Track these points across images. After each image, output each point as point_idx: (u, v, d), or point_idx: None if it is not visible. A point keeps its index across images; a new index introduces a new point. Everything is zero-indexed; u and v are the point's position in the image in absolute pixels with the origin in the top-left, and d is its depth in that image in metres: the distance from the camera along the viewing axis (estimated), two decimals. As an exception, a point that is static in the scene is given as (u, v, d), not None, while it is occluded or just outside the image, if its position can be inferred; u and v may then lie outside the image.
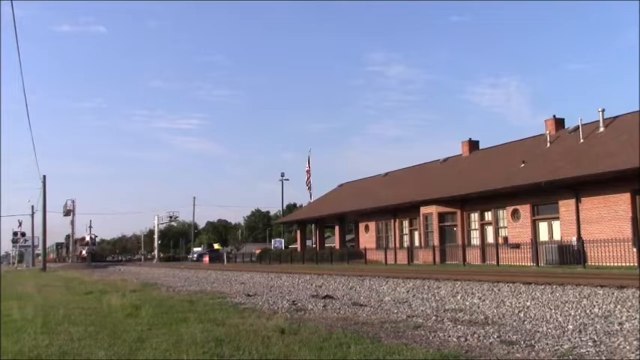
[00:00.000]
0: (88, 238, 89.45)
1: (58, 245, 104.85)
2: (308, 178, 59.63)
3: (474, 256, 32.29)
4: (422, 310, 8.91)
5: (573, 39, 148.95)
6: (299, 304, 10.15)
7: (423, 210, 36.49)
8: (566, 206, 28.26)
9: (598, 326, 6.78)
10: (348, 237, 56.81)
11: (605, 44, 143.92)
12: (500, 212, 32.67)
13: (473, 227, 34.70)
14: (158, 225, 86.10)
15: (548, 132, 33.28)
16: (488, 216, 33.61)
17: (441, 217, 35.67)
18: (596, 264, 24.39)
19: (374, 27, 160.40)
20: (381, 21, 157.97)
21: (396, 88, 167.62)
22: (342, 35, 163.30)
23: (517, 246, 29.62)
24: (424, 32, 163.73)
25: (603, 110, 30.57)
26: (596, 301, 8.66)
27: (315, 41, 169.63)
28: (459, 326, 7.06)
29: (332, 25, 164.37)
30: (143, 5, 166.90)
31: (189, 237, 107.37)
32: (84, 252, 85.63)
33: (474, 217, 34.59)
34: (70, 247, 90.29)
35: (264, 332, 6.52)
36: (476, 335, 6.33)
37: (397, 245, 39.88)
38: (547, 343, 5.79)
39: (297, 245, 55.87)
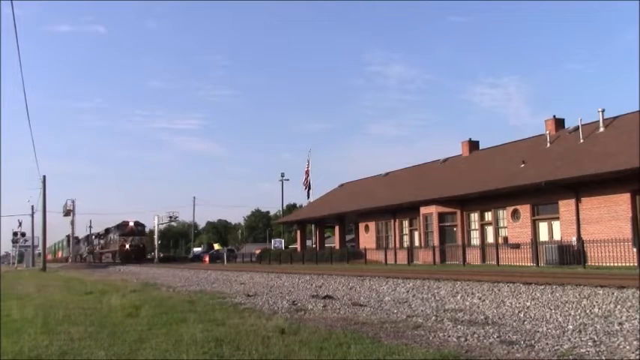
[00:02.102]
0: (132, 224, 64.52)
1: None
2: (306, 178, 59.58)
3: (473, 256, 32.28)
4: (422, 310, 8.91)
5: (573, 39, 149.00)
6: (299, 305, 10.16)
7: (423, 210, 36.49)
8: (566, 206, 28.27)
9: (598, 326, 6.78)
10: (348, 237, 56.79)
11: (604, 44, 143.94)
12: (500, 212, 32.68)
13: (473, 227, 34.71)
14: (158, 225, 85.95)
15: (548, 132, 33.30)
16: (488, 216, 33.62)
17: (441, 217, 35.67)
18: (596, 264, 24.40)
19: (374, 27, 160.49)
20: (380, 21, 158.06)
21: (395, 88, 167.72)
22: (342, 35, 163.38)
23: (517, 246, 29.62)
24: (424, 32, 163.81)
25: (603, 110, 30.61)
26: (596, 301, 8.66)
27: (315, 41, 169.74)
28: (459, 326, 7.06)
29: (332, 25, 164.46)
30: (142, 5, 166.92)
31: (189, 237, 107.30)
32: (127, 246, 62.21)
33: (474, 217, 34.60)
34: (71, 245, 77.43)
35: (264, 332, 6.52)
36: (476, 335, 6.33)
37: (397, 245, 39.88)
38: (547, 343, 5.79)
39: (297, 245, 55.87)
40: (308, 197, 59.40)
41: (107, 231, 70.06)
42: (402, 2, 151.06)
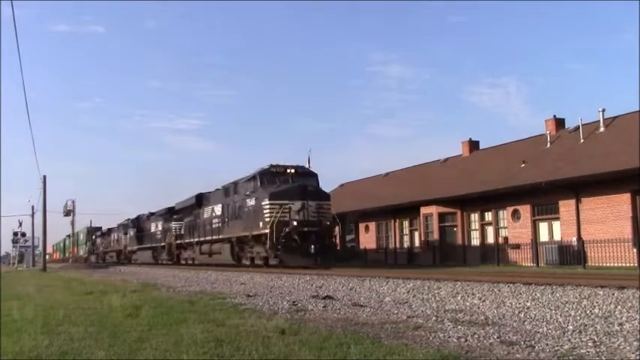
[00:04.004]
0: (292, 171, 24.90)
1: (91, 232, 70.57)
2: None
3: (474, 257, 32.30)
4: (422, 311, 8.91)
5: (573, 39, 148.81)
6: (299, 305, 10.15)
7: (423, 210, 36.51)
8: (567, 206, 28.28)
9: (598, 327, 6.78)
10: (348, 237, 56.71)
11: (604, 44, 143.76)
12: (501, 212, 32.69)
13: (473, 227, 34.72)
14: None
15: (548, 132, 33.31)
16: (489, 216, 33.65)
17: (441, 217, 35.69)
18: (597, 264, 24.41)
19: (374, 27, 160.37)
20: (380, 21, 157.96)
21: (395, 88, 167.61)
22: (342, 35, 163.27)
23: (517, 246, 29.63)
24: (424, 32, 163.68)
25: (603, 110, 30.63)
26: (597, 302, 8.65)
27: (315, 41, 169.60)
28: (459, 327, 7.06)
29: (331, 25, 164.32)
30: (141, 5, 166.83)
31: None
32: (295, 222, 22.51)
33: (474, 217, 34.61)
34: (71, 240, 64.68)
35: (264, 333, 6.52)
36: (476, 336, 6.33)
37: (397, 245, 39.89)
38: (547, 344, 5.79)
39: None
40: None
41: (201, 200, 32.59)
42: (402, 2, 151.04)
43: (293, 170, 25.11)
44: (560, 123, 34.07)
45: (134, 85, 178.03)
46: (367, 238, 44.21)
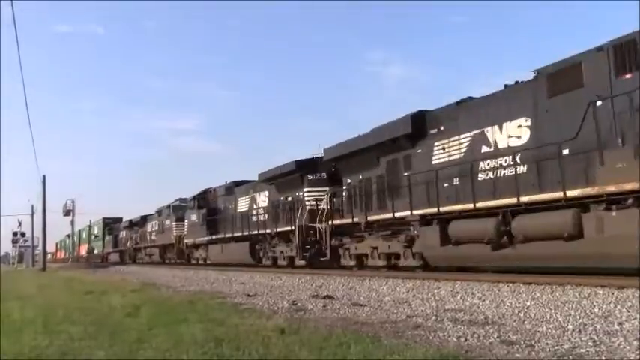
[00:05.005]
0: None
1: (107, 226, 58.68)
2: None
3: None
4: (422, 310, 8.91)
5: (573, 39, 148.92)
6: (299, 304, 10.15)
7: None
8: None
9: (598, 326, 6.78)
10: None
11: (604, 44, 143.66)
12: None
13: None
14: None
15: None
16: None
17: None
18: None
19: (373, 26, 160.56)
20: (380, 21, 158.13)
21: (395, 87, 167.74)
22: (342, 35, 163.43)
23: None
24: (424, 32, 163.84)
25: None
26: (596, 301, 8.66)
27: (315, 41, 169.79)
28: (459, 326, 7.06)
29: (331, 25, 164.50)
30: (141, 5, 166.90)
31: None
32: None
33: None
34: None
35: (264, 332, 6.53)
36: (476, 335, 6.34)
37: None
38: (547, 343, 5.79)
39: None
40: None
41: (423, 124, 15.22)
42: (402, 2, 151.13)
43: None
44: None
45: (135, 85, 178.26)
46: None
